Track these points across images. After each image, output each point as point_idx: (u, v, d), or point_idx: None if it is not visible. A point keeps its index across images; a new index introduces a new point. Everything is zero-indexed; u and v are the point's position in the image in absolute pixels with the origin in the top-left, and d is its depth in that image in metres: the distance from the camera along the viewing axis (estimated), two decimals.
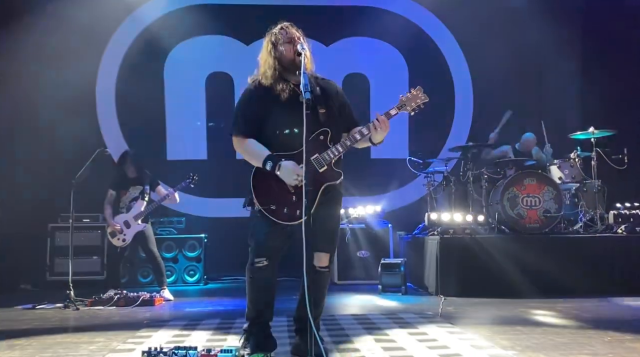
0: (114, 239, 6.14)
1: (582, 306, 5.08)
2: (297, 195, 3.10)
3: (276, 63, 3.24)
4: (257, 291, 3.32)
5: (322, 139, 3.18)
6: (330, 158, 3.16)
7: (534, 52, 8.60)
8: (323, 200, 3.14)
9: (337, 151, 3.17)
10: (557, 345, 3.58)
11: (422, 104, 3.30)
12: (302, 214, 2.88)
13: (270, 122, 3.23)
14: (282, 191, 3.15)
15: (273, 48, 3.26)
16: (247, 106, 3.29)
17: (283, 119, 3.19)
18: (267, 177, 3.16)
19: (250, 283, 3.32)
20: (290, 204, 3.13)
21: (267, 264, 3.25)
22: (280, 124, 3.21)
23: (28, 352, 3.59)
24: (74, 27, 7.97)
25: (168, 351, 2.98)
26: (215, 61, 8.62)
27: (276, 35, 3.27)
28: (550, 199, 6.35)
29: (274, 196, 3.16)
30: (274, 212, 3.15)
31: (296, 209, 3.08)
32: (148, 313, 5.16)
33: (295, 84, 3.21)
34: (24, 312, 5.45)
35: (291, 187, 3.12)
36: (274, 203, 3.16)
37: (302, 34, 3.27)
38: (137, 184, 6.26)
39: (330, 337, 3.88)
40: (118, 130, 8.38)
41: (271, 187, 3.16)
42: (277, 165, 3.11)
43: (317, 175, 3.09)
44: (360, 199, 8.01)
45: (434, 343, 3.65)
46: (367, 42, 8.76)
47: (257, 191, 3.20)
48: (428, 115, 8.27)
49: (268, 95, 3.23)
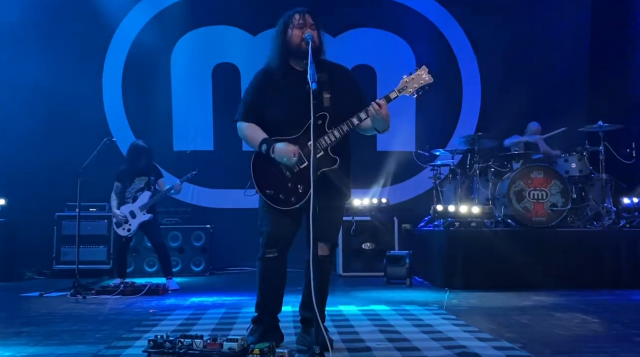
0: (119, 229, 6.17)
1: (588, 300, 5.08)
2: (293, 181, 3.16)
3: (283, 45, 3.25)
4: (267, 282, 3.35)
5: (319, 124, 3.13)
6: (327, 143, 3.14)
7: (542, 44, 8.54)
8: (324, 189, 3.08)
9: (333, 136, 3.15)
10: (563, 338, 3.57)
11: (426, 86, 3.25)
12: (297, 200, 3.08)
13: (271, 108, 3.25)
14: (279, 177, 3.18)
15: (284, 30, 3.27)
16: (251, 92, 3.33)
17: (283, 105, 3.21)
18: (265, 163, 3.20)
19: (260, 274, 3.35)
20: (286, 190, 3.17)
21: (277, 255, 3.28)
22: (281, 110, 3.22)
23: (35, 340, 3.61)
24: (81, 15, 7.98)
25: (174, 340, 2.99)
26: (221, 52, 8.60)
27: (291, 17, 3.27)
28: (558, 193, 6.32)
29: (271, 180, 3.20)
30: (271, 197, 3.20)
31: (292, 196, 3.15)
32: (154, 302, 5.19)
33: (300, 70, 3.21)
34: (31, 300, 5.49)
35: (287, 173, 3.16)
36: (270, 188, 3.20)
37: (317, 24, 3.27)
38: (143, 175, 6.27)
39: (336, 328, 3.88)
40: (125, 120, 8.39)
41: (269, 172, 3.20)
42: (272, 148, 3.14)
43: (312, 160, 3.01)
44: (365, 191, 8.00)
45: (439, 335, 3.65)
46: (374, 34, 8.71)
47: (256, 175, 3.25)
48: (435, 107, 8.42)
49: (272, 81, 3.26)
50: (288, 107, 3.19)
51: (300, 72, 3.18)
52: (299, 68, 3.24)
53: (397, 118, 8.43)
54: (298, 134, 3.14)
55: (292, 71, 3.25)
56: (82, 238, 6.43)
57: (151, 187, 6.21)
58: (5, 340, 3.61)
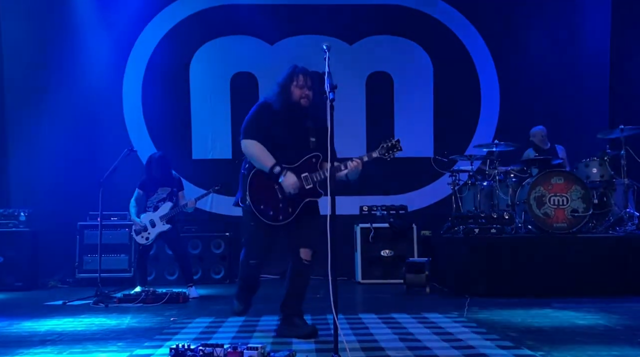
0: (138, 237, 6.24)
1: (611, 307, 5.00)
2: (284, 202, 3.77)
3: (286, 96, 3.85)
4: (246, 279, 4.08)
5: (313, 162, 3.84)
6: (317, 179, 3.78)
7: (561, 49, 8.48)
8: (305, 210, 3.80)
9: (322, 175, 3.78)
10: (585, 346, 3.52)
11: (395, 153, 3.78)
12: (284, 218, 3.76)
13: (274, 137, 3.82)
14: (273, 195, 3.77)
15: (289, 84, 3.85)
16: (261, 117, 3.88)
17: (283, 137, 3.81)
18: (263, 181, 3.78)
19: (241, 273, 4.09)
20: (277, 208, 3.77)
21: (258, 262, 3.97)
22: (281, 141, 3.81)
23: (59, 348, 3.67)
24: (102, 27, 8.13)
25: (195, 348, 3.02)
26: (239, 61, 8.68)
27: (297, 76, 3.85)
28: (578, 198, 6.25)
29: (265, 198, 3.78)
30: (262, 211, 3.77)
31: (280, 214, 3.77)
32: (175, 310, 5.23)
33: (295, 116, 3.86)
34: (55, 308, 5.58)
35: (280, 195, 3.75)
36: (264, 203, 3.78)
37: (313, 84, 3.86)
38: (166, 186, 6.34)
39: (355, 336, 3.89)
40: (145, 129, 8.50)
41: (265, 189, 3.78)
42: (284, 172, 3.73)
43: (302, 190, 3.75)
44: (384, 198, 7.99)
45: (459, 343, 3.63)
46: (391, 41, 8.71)
47: (252, 190, 3.82)
48: (453, 113, 8.39)
49: (276, 115, 3.85)
50: (288, 141, 3.82)
51: (294, 116, 3.86)
52: (294, 114, 3.86)
53: (415, 124, 8.57)
54: (295, 164, 3.79)
55: (289, 113, 3.85)
56: (104, 247, 6.51)
57: (173, 198, 6.29)
58: (30, 349, 3.67)
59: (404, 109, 8.62)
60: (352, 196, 7.75)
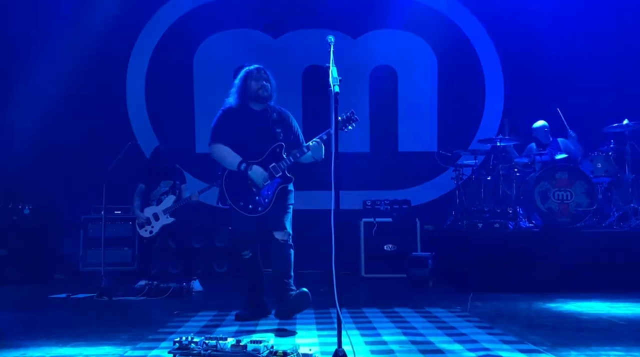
0: (142, 230, 6.25)
1: (615, 302, 4.99)
2: (259, 194, 4.14)
3: (243, 90, 4.25)
4: (250, 275, 4.38)
5: (278, 151, 4.19)
6: (284, 166, 4.15)
7: (566, 43, 8.42)
8: (282, 197, 4.19)
9: (289, 161, 4.15)
10: (589, 341, 3.52)
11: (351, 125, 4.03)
12: (263, 209, 4.13)
13: (239, 137, 4.19)
14: (248, 191, 4.14)
15: (244, 79, 4.26)
16: (223, 120, 4.28)
17: (248, 135, 4.17)
18: (236, 179, 4.14)
19: (245, 274, 4.42)
20: (253, 201, 4.15)
21: (252, 254, 4.29)
22: (246, 138, 4.17)
23: (63, 341, 3.68)
24: (105, 19, 8.10)
25: (199, 341, 3.03)
26: (243, 54, 8.64)
27: (250, 70, 4.26)
28: (582, 193, 6.23)
29: (241, 194, 4.16)
30: (241, 207, 4.15)
31: (258, 206, 4.15)
32: (178, 304, 5.24)
33: (256, 110, 4.27)
34: (59, 301, 5.60)
35: (254, 188, 4.11)
36: (242, 200, 4.15)
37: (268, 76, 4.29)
38: (168, 179, 6.35)
39: (358, 330, 3.89)
40: (148, 123, 8.49)
41: (240, 187, 4.14)
42: (250, 166, 4.10)
43: (273, 179, 4.13)
44: (387, 192, 7.98)
45: (463, 337, 3.63)
46: (395, 35, 8.66)
47: (229, 189, 4.19)
48: (457, 107, 8.35)
49: (238, 114, 4.24)
50: (252, 136, 4.17)
51: (256, 111, 4.26)
52: (255, 108, 4.27)
53: (418, 119, 8.54)
54: (260, 159, 4.16)
55: (251, 111, 4.25)
56: (107, 240, 6.53)
57: (176, 191, 6.29)
58: (34, 341, 3.68)
59: (408, 104, 8.58)
60: (355, 190, 7.74)
